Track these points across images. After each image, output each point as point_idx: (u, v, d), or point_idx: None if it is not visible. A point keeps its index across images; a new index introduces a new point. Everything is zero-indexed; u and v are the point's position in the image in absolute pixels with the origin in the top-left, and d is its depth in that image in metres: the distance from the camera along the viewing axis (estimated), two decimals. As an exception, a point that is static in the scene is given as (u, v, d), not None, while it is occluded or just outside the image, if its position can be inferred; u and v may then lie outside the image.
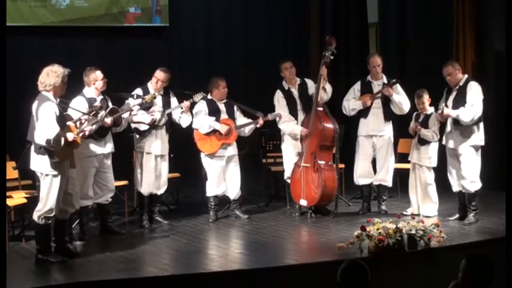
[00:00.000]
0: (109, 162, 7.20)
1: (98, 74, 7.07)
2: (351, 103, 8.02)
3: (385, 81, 8.01)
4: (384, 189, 8.06)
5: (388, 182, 8.04)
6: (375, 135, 7.97)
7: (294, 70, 8.17)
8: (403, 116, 8.06)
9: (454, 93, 7.27)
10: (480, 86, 7.26)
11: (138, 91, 7.62)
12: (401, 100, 7.88)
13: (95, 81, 7.05)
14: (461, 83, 7.24)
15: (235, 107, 8.08)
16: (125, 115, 7.26)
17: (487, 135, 7.33)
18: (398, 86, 7.94)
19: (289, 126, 8.05)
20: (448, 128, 7.34)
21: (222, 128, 7.81)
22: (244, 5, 11.51)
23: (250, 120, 8.01)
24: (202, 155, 7.98)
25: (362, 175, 8.06)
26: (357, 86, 8.11)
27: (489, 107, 7.51)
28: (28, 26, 10.19)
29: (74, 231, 6.91)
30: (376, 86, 7.99)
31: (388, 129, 7.99)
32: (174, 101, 7.83)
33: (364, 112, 7.97)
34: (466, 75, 7.35)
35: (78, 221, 7.04)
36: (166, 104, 7.72)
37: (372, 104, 7.92)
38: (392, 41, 10.94)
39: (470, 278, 3.91)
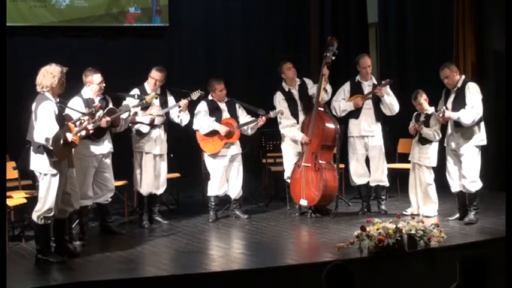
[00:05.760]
0: (108, 162, 7.20)
1: (95, 78, 7.03)
2: (342, 104, 8.02)
3: (375, 82, 8.01)
4: (381, 189, 8.06)
5: (385, 182, 8.05)
6: (367, 135, 7.97)
7: (295, 70, 8.17)
8: (403, 116, 8.07)
9: (452, 96, 7.25)
10: (478, 85, 7.25)
11: (135, 91, 7.62)
12: (392, 101, 7.91)
13: (89, 84, 7.04)
14: (459, 85, 7.21)
15: (237, 105, 8.07)
16: (124, 115, 7.25)
17: (487, 135, 7.32)
18: (388, 88, 7.94)
19: (291, 132, 8.04)
20: (449, 130, 7.33)
21: (222, 129, 7.80)
22: (244, 5, 11.50)
23: (252, 119, 8.00)
24: (205, 155, 7.99)
25: (358, 175, 8.07)
26: (347, 87, 8.10)
27: (489, 107, 7.51)
28: (28, 26, 10.19)
29: (74, 231, 6.91)
30: (366, 87, 7.99)
31: (378, 130, 8.01)
32: (171, 100, 7.84)
33: (355, 113, 7.97)
34: (463, 76, 7.33)
35: (78, 221, 7.04)
36: (164, 103, 7.73)
37: (363, 104, 7.93)
38: (392, 41, 10.95)
39: (466, 279, 3.92)
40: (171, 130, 7.97)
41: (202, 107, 7.91)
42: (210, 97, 7.96)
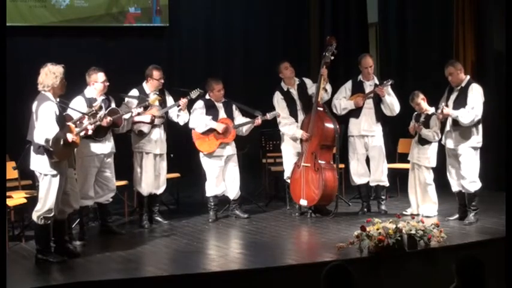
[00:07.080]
0: (110, 162, 7.20)
1: (99, 76, 7.05)
2: (343, 102, 8.03)
3: (377, 82, 8.02)
4: (381, 189, 8.06)
5: (385, 182, 8.05)
6: (367, 135, 7.98)
7: (293, 69, 8.18)
8: (403, 116, 8.07)
9: (455, 94, 7.26)
10: (481, 87, 7.25)
11: (134, 92, 7.63)
12: (392, 101, 7.91)
13: (94, 82, 7.05)
14: (463, 84, 7.21)
15: (233, 106, 8.08)
16: (126, 116, 7.24)
17: (487, 135, 7.33)
18: (389, 88, 7.94)
19: (291, 129, 8.04)
20: (447, 128, 7.34)
21: (219, 126, 7.80)
22: (244, 5, 11.51)
23: (248, 120, 8.00)
24: (201, 154, 7.98)
25: (358, 175, 8.07)
26: (348, 86, 8.11)
27: (489, 107, 7.50)
28: (28, 26, 10.19)
29: (74, 231, 6.91)
30: (368, 87, 7.99)
31: (379, 130, 8.01)
32: (169, 99, 7.84)
33: (355, 112, 7.98)
34: (468, 77, 7.31)
35: (78, 221, 7.05)
36: (163, 103, 7.73)
37: (363, 104, 7.93)
38: (392, 41, 10.95)
39: (463, 280, 3.92)
40: (171, 130, 7.97)
41: (199, 105, 7.91)
42: (207, 96, 7.97)
